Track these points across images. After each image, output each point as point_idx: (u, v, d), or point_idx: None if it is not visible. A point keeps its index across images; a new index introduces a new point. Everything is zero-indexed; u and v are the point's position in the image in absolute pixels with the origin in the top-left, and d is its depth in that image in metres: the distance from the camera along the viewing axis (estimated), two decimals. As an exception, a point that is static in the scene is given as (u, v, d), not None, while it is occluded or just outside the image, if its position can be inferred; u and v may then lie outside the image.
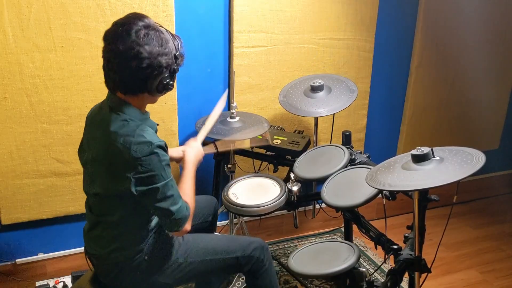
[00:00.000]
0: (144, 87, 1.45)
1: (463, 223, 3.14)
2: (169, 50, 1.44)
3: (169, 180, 1.46)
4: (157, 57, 1.40)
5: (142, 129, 1.43)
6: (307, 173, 1.99)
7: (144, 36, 1.38)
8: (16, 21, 1.99)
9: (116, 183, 1.44)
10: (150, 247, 1.59)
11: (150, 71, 1.41)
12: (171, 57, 1.45)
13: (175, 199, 1.48)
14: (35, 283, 2.35)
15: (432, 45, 2.86)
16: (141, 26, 1.40)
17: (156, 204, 1.45)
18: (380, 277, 2.52)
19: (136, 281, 1.60)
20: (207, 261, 1.68)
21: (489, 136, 3.30)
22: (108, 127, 1.44)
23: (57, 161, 2.23)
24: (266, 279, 1.77)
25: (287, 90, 2.39)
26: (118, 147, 1.40)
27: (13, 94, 2.08)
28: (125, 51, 1.38)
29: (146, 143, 1.40)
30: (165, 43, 1.43)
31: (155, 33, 1.41)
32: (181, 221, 1.50)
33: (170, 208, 1.47)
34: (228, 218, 2.66)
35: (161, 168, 1.43)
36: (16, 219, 2.26)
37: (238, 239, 1.80)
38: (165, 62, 1.43)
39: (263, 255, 1.75)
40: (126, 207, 1.50)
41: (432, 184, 1.32)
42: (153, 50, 1.39)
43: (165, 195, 1.45)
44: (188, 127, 2.47)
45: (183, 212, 1.50)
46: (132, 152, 1.39)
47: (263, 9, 2.40)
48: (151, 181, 1.42)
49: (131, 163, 1.39)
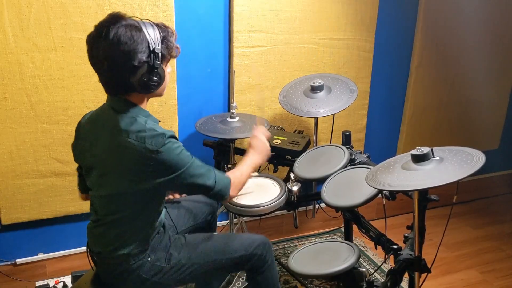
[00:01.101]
0: (129, 87, 1.44)
1: (463, 223, 3.15)
2: (142, 47, 1.39)
3: (192, 162, 1.49)
4: (129, 56, 1.38)
5: (150, 123, 1.45)
6: (307, 173, 1.99)
7: (113, 37, 1.37)
8: (16, 21, 1.99)
9: (134, 180, 1.45)
10: (153, 248, 1.59)
11: (124, 71, 1.40)
12: (146, 53, 1.41)
13: (206, 174, 1.53)
14: (35, 283, 2.36)
15: (432, 45, 2.86)
16: (114, 27, 1.38)
17: (190, 187, 1.51)
18: (380, 277, 2.52)
19: (137, 281, 1.59)
20: (210, 262, 1.68)
21: (489, 136, 3.30)
22: (116, 126, 1.44)
23: (57, 161, 2.23)
24: (267, 276, 1.77)
25: (287, 90, 2.39)
26: (132, 143, 1.41)
27: (13, 94, 2.08)
28: (99, 54, 1.39)
29: (159, 135, 1.42)
30: (137, 41, 1.39)
31: (125, 32, 1.38)
32: (224, 191, 1.58)
33: (206, 183, 1.52)
34: (228, 218, 2.66)
35: (178, 154, 1.45)
36: (16, 219, 2.26)
37: (241, 237, 1.80)
38: (138, 59, 1.39)
39: (265, 252, 1.75)
40: (135, 205, 1.51)
41: (432, 184, 1.32)
42: (124, 50, 1.37)
43: (194, 176, 1.49)
44: (188, 127, 2.47)
45: (221, 182, 1.56)
46: (148, 145, 1.40)
47: (263, 9, 2.40)
48: (174, 168, 1.45)
49: (148, 156, 1.40)
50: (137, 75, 1.42)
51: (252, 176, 1.99)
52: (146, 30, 1.42)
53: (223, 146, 2.35)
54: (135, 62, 1.39)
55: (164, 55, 1.47)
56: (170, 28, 1.51)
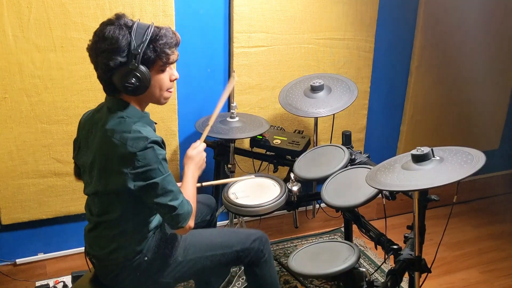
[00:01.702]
0: (115, 87, 1.45)
1: (463, 223, 3.14)
2: (122, 48, 1.38)
3: (167, 175, 1.46)
4: (108, 55, 1.39)
5: (138, 125, 1.45)
6: (307, 173, 1.99)
7: (103, 35, 1.39)
8: (16, 21, 1.99)
9: (114, 179, 1.44)
10: (150, 247, 1.59)
11: (105, 71, 1.41)
12: (124, 54, 1.39)
13: (176, 194, 1.48)
14: (35, 283, 2.36)
15: (432, 45, 2.86)
16: (108, 26, 1.40)
17: (157, 200, 1.45)
18: (380, 277, 2.52)
19: (136, 281, 1.60)
20: (207, 257, 1.68)
21: (489, 136, 3.30)
22: (105, 125, 1.45)
23: (57, 161, 2.23)
24: (265, 269, 1.78)
25: (287, 90, 2.39)
26: (115, 143, 1.41)
27: (13, 94, 2.08)
28: (93, 52, 1.43)
29: (142, 138, 1.41)
30: (120, 41, 1.37)
31: (114, 32, 1.38)
32: (184, 217, 1.50)
33: (171, 203, 1.46)
34: (228, 218, 2.66)
35: (157, 162, 1.43)
36: (16, 219, 2.26)
37: (237, 232, 1.80)
38: (114, 61, 1.39)
39: (262, 246, 1.75)
40: (125, 205, 1.51)
41: (432, 184, 1.32)
42: (107, 49, 1.38)
43: (165, 190, 1.45)
44: (188, 127, 2.47)
45: (185, 207, 1.50)
46: (128, 147, 1.40)
47: (263, 9, 2.40)
48: (149, 175, 1.42)
49: (128, 158, 1.40)
50: (116, 76, 1.42)
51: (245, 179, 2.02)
52: (135, 31, 1.40)
53: (223, 146, 2.35)
54: (110, 63, 1.39)
55: (150, 58, 1.42)
56: (170, 33, 1.46)
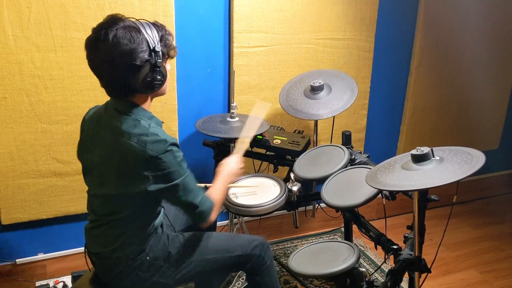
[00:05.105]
0: (132, 88, 1.45)
1: (463, 223, 3.14)
2: (142, 47, 1.40)
3: (187, 175, 1.49)
4: (130, 56, 1.38)
5: (154, 127, 1.45)
6: (307, 173, 1.99)
7: (113, 38, 1.37)
8: (16, 21, 1.99)
9: (131, 183, 1.45)
10: (151, 247, 1.59)
11: (127, 72, 1.40)
12: (147, 52, 1.41)
13: (196, 192, 1.53)
14: (35, 283, 2.36)
15: (432, 45, 2.86)
16: (112, 29, 1.38)
17: (179, 200, 1.50)
18: (380, 277, 2.52)
19: (136, 281, 1.60)
20: (208, 261, 1.68)
21: (489, 136, 3.30)
22: (118, 127, 1.44)
23: (57, 161, 2.23)
24: (266, 276, 1.78)
25: (287, 90, 2.39)
26: (133, 146, 1.41)
27: (13, 94, 2.08)
28: (99, 58, 1.40)
29: (161, 141, 1.42)
30: (137, 40, 1.39)
31: (125, 33, 1.38)
32: (207, 213, 1.56)
33: (193, 201, 1.52)
34: (228, 218, 2.66)
35: (177, 164, 1.46)
36: (16, 219, 2.26)
37: (239, 237, 1.80)
38: (140, 59, 1.40)
39: (263, 253, 1.75)
40: (135, 206, 1.51)
41: (432, 184, 1.32)
42: (125, 50, 1.37)
43: (185, 190, 1.49)
44: (188, 127, 2.47)
45: (206, 203, 1.56)
46: (148, 151, 1.40)
47: (263, 9, 2.40)
48: (170, 177, 1.45)
49: (149, 161, 1.41)
50: (140, 75, 1.42)
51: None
52: (145, 30, 1.42)
53: (223, 146, 2.35)
54: (137, 62, 1.39)
55: (163, 54, 1.48)
56: (166, 27, 1.52)
